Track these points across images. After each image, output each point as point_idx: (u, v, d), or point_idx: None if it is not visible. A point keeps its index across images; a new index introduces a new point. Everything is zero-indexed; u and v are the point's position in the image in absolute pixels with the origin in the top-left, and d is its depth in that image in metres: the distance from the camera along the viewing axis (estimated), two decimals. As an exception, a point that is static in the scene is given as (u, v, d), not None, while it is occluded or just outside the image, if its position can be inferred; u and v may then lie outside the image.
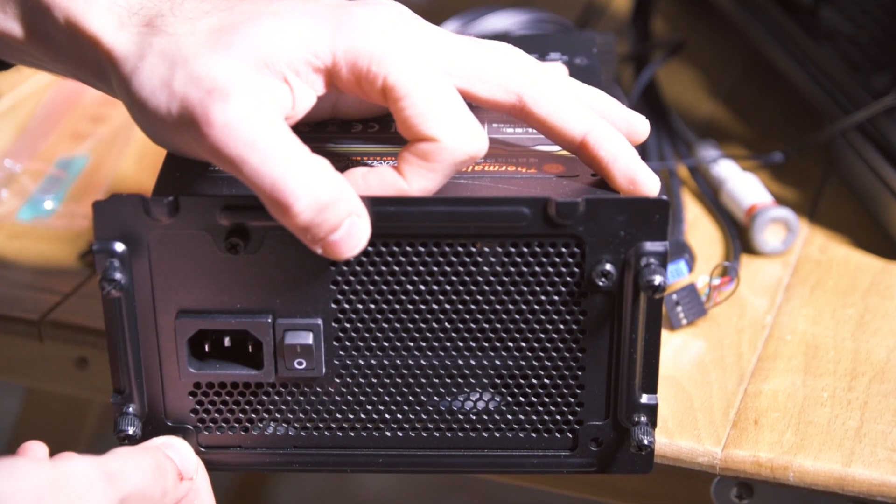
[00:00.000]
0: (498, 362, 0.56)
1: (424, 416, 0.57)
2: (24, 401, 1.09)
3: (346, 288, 0.55)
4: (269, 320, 0.55)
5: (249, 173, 0.50)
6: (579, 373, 0.56)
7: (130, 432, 0.56)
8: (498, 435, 0.57)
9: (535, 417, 0.57)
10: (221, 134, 0.50)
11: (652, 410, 0.56)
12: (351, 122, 0.61)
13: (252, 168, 0.50)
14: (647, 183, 0.55)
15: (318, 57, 0.53)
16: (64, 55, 0.56)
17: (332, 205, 0.51)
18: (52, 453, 0.51)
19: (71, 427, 1.02)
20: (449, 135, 0.52)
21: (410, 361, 0.56)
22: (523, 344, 0.56)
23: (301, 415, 0.57)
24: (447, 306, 0.55)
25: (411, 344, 0.56)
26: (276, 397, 0.57)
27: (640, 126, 0.58)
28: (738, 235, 0.76)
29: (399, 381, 0.56)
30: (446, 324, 0.55)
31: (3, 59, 0.60)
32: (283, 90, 0.53)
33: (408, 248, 0.54)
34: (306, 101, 0.53)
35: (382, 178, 0.53)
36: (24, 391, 1.08)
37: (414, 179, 0.53)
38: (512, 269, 0.54)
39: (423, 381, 0.56)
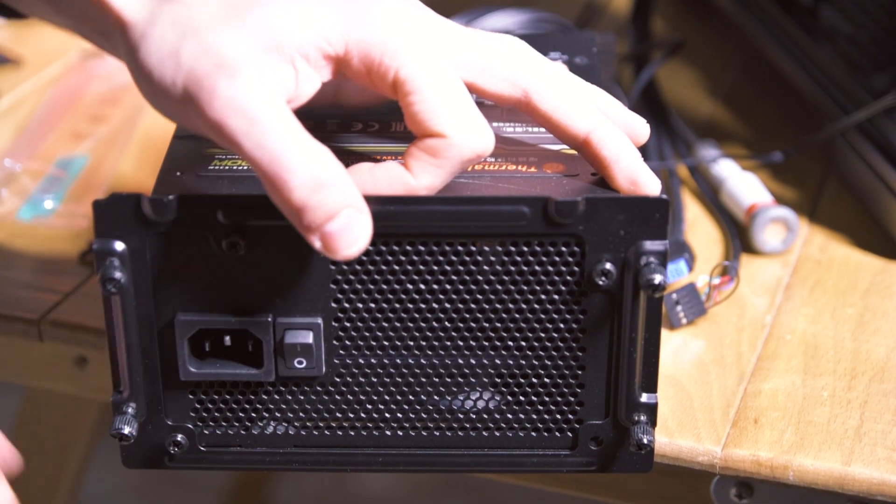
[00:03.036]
0: (498, 361, 0.56)
1: (424, 416, 0.57)
2: (23, 400, 1.08)
3: (346, 287, 0.55)
4: (269, 319, 0.55)
5: (249, 148, 0.50)
6: (579, 372, 0.56)
7: (126, 432, 0.56)
8: (498, 434, 0.57)
9: (534, 416, 0.57)
10: (225, 108, 0.50)
11: (652, 409, 0.56)
12: (351, 122, 0.60)
13: (253, 143, 0.50)
14: (648, 184, 0.55)
15: (331, 44, 0.53)
16: (67, 6, 0.55)
17: (330, 187, 0.50)
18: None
19: (71, 427, 1.02)
20: (458, 132, 0.52)
21: (410, 360, 0.56)
22: (523, 343, 0.56)
23: (301, 414, 0.57)
24: (447, 305, 0.55)
25: (411, 343, 0.56)
26: (276, 396, 0.57)
27: (640, 129, 0.58)
28: (738, 235, 0.76)
29: (399, 380, 0.56)
30: (446, 323, 0.55)
31: (15, 8, 0.60)
32: (289, 73, 0.52)
33: (408, 248, 0.54)
34: (310, 87, 0.53)
35: (389, 173, 0.53)
36: (24, 391, 1.08)
37: (421, 175, 0.53)
38: (512, 268, 0.54)
39: (423, 380, 0.56)
